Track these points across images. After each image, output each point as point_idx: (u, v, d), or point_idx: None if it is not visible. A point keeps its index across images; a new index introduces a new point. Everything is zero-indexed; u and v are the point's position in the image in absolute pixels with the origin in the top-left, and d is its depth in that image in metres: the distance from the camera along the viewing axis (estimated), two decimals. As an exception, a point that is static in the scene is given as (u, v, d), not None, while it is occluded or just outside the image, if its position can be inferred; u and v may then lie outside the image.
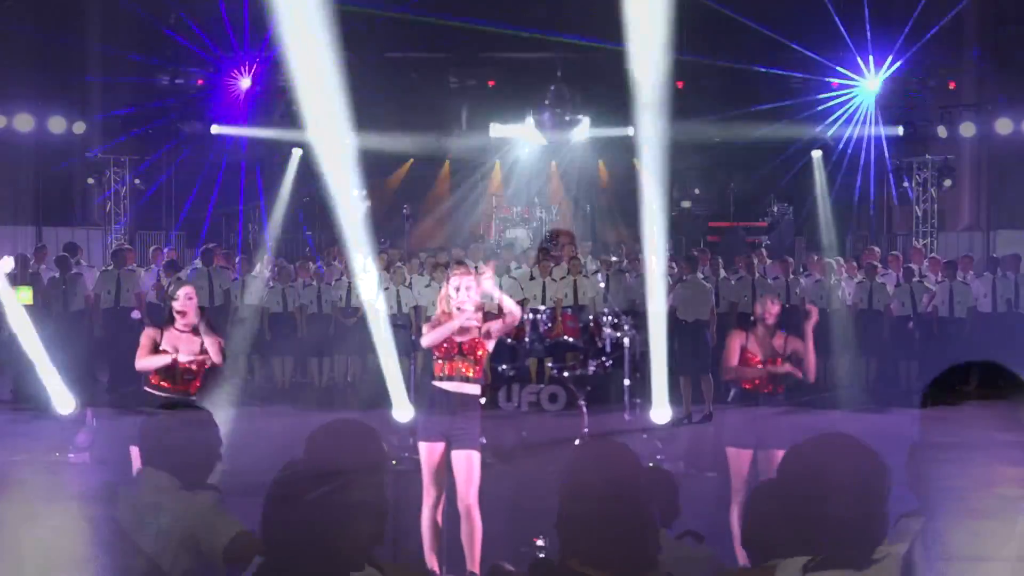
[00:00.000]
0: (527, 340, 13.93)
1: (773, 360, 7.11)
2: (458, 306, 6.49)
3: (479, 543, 6.35)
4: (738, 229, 20.65)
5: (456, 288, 6.53)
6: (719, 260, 14.75)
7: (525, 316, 13.96)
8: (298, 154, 20.80)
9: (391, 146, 22.30)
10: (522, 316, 13.97)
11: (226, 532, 3.45)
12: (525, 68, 21.43)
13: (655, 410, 11.47)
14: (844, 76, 19.10)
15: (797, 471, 2.56)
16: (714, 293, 13.55)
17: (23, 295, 13.45)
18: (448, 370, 6.47)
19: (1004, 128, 17.82)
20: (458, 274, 6.82)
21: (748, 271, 14.58)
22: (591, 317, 14.07)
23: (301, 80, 13.34)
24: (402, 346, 14.21)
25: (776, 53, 18.96)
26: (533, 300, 14.44)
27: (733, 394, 7.60)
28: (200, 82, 20.09)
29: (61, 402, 6.85)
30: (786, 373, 7.13)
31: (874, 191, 20.12)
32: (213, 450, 3.71)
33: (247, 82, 19.19)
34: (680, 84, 21.12)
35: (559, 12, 18.88)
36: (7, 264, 14.00)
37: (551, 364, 13.83)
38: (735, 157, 21.36)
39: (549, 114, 21.41)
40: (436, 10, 18.75)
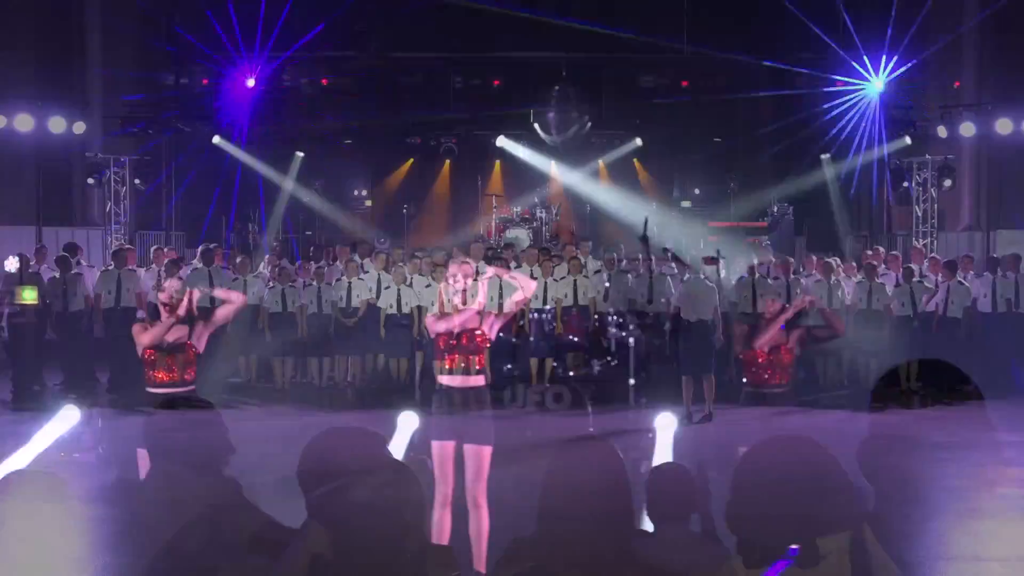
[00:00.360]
0: (531, 340, 13.95)
1: (778, 349, 7.35)
2: (456, 294, 6.51)
3: (486, 540, 6.31)
4: (738, 229, 20.61)
5: (453, 277, 6.56)
6: (720, 260, 14.73)
7: (529, 316, 13.99)
8: (299, 157, 20.82)
9: (392, 146, 22.32)
10: (524, 316, 14.07)
11: (251, 520, 3.40)
12: (530, 68, 21.40)
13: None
14: (849, 76, 19.07)
15: (749, 472, 2.56)
16: (717, 293, 13.52)
17: (28, 294, 13.43)
18: (451, 363, 6.45)
19: (1004, 128, 17.80)
20: (456, 264, 6.85)
21: (748, 271, 14.58)
22: (595, 317, 14.08)
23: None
24: (404, 345, 14.25)
25: (781, 52, 18.94)
26: (534, 300, 14.43)
27: (743, 396, 7.70)
28: (205, 82, 20.07)
29: (65, 414, 6.87)
30: (798, 311, 7.45)
31: (875, 191, 20.13)
32: (224, 445, 3.67)
33: (251, 82, 19.16)
34: (685, 83, 21.15)
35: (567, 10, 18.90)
36: (12, 263, 13.98)
37: (555, 364, 13.85)
38: (736, 157, 21.35)
39: (553, 114, 21.37)
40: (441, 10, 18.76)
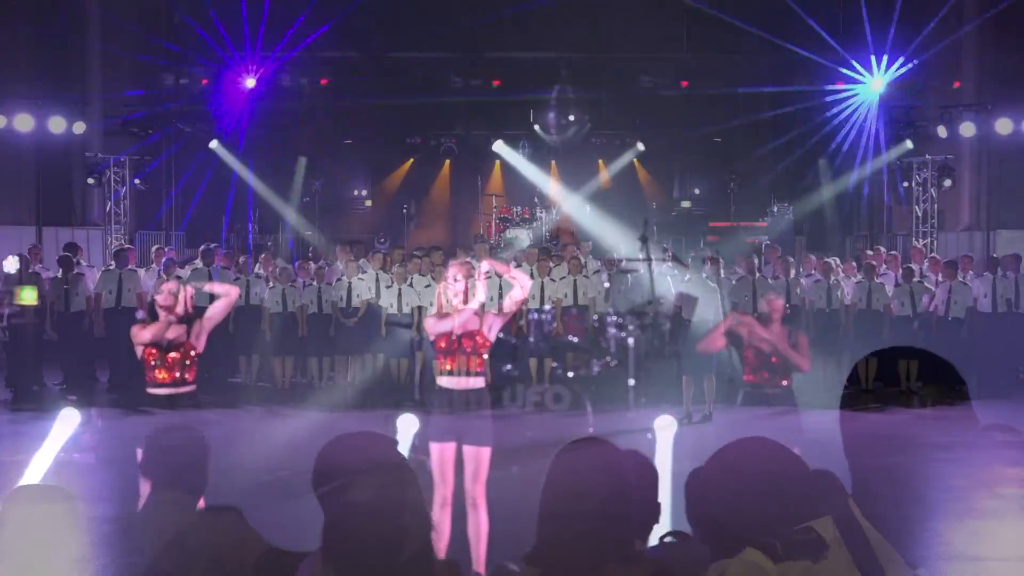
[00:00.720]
0: (531, 340, 13.97)
1: (780, 353, 7.34)
2: (456, 295, 6.52)
3: (485, 542, 6.31)
4: (738, 229, 20.62)
5: (454, 277, 6.56)
6: (720, 260, 14.73)
7: (529, 317, 14.01)
8: (303, 162, 20.80)
9: (392, 146, 22.32)
10: (524, 316, 14.09)
11: (253, 550, 3.44)
12: (529, 69, 21.40)
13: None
14: (848, 77, 19.06)
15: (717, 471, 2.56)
16: (719, 294, 13.52)
17: (27, 295, 13.44)
18: (451, 365, 6.46)
19: (1004, 128, 17.79)
20: (456, 265, 6.86)
21: (748, 271, 14.58)
22: (595, 318, 14.09)
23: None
24: (404, 345, 14.26)
25: (780, 53, 18.93)
26: (532, 300, 14.44)
27: (741, 397, 7.70)
28: (204, 82, 20.06)
29: (66, 416, 6.88)
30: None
31: (872, 191, 20.13)
32: (204, 453, 3.90)
33: (251, 82, 19.17)
34: (685, 83, 21.16)
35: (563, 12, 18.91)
36: (12, 263, 13.98)
37: (555, 365, 13.86)
38: (736, 157, 21.35)
39: (553, 115, 21.37)
40: (440, 11, 18.77)
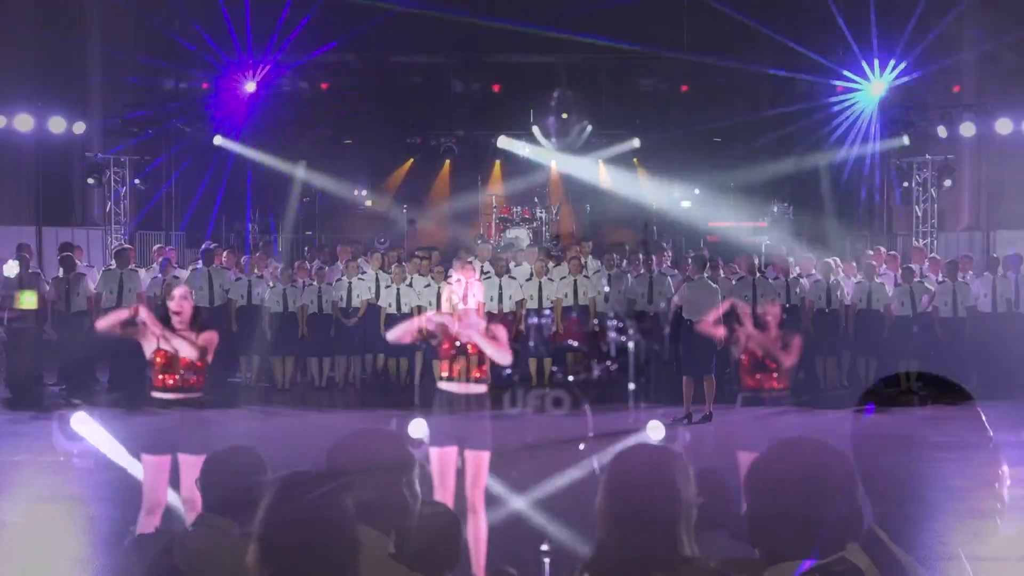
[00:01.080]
0: (531, 344, 14.00)
1: (774, 356, 7.31)
2: (455, 295, 6.54)
3: (484, 545, 6.31)
4: (738, 229, 20.61)
5: (458, 281, 6.59)
6: (719, 260, 14.74)
7: (529, 320, 14.04)
8: (302, 165, 20.78)
9: (392, 146, 22.30)
10: (524, 319, 14.12)
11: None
12: (529, 73, 21.39)
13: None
14: (848, 79, 19.07)
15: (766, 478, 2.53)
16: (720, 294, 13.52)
17: (27, 299, 13.47)
18: (453, 371, 6.46)
19: (1004, 128, 17.80)
20: (458, 270, 6.88)
21: (748, 271, 14.58)
22: (596, 321, 14.11)
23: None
24: (404, 345, 14.25)
25: (780, 55, 18.93)
26: (531, 300, 14.46)
27: (740, 400, 7.71)
28: (205, 86, 20.05)
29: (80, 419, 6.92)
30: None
31: (869, 190, 20.13)
32: (260, 472, 3.81)
33: (252, 86, 19.17)
34: (685, 87, 21.15)
35: (562, 15, 18.88)
36: (12, 268, 13.99)
37: (555, 369, 13.88)
38: (736, 157, 21.34)
39: (553, 119, 21.36)
40: (440, 13, 18.74)
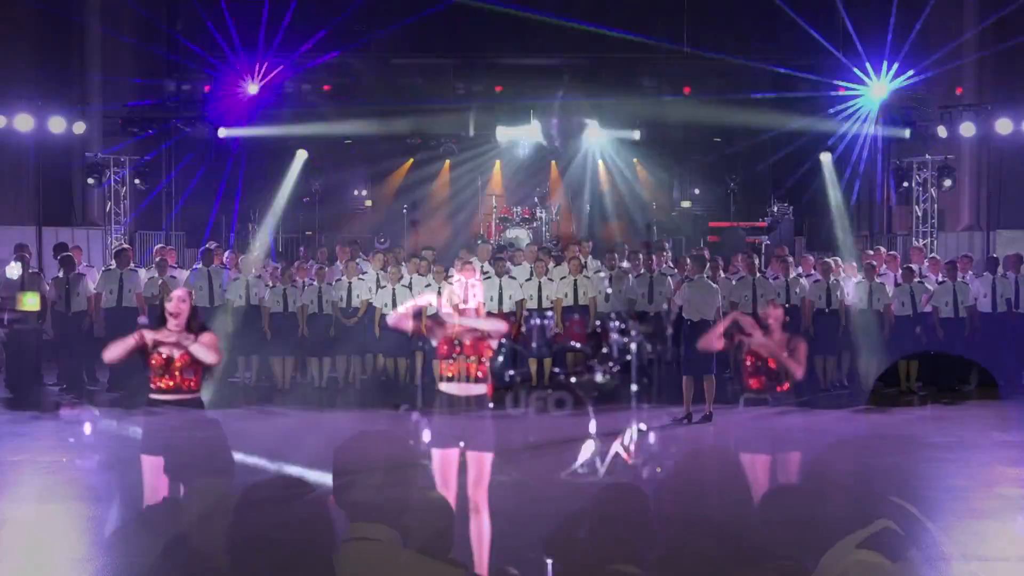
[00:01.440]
0: (533, 345, 14.01)
1: (777, 358, 7.28)
2: (455, 296, 6.55)
3: (487, 546, 6.30)
4: (738, 229, 20.63)
5: (458, 281, 6.60)
6: (719, 260, 14.74)
7: (530, 322, 14.04)
8: (302, 156, 20.71)
9: (392, 146, 22.30)
10: (524, 320, 14.12)
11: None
12: (532, 73, 21.38)
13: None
14: (850, 81, 19.06)
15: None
16: (720, 294, 13.50)
17: (30, 301, 13.47)
18: (453, 371, 6.46)
19: (1004, 128, 17.78)
20: (458, 270, 6.89)
21: (748, 271, 14.58)
22: (598, 323, 14.12)
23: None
24: (403, 345, 14.24)
25: (781, 56, 18.93)
26: (530, 300, 14.45)
27: (743, 402, 7.70)
28: (207, 88, 20.03)
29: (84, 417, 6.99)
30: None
31: (869, 190, 20.13)
32: (220, 435, 4.03)
33: (254, 88, 19.14)
34: (687, 90, 21.16)
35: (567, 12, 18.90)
36: (14, 270, 13.99)
37: (556, 370, 13.88)
38: (736, 157, 21.35)
39: (556, 120, 21.34)
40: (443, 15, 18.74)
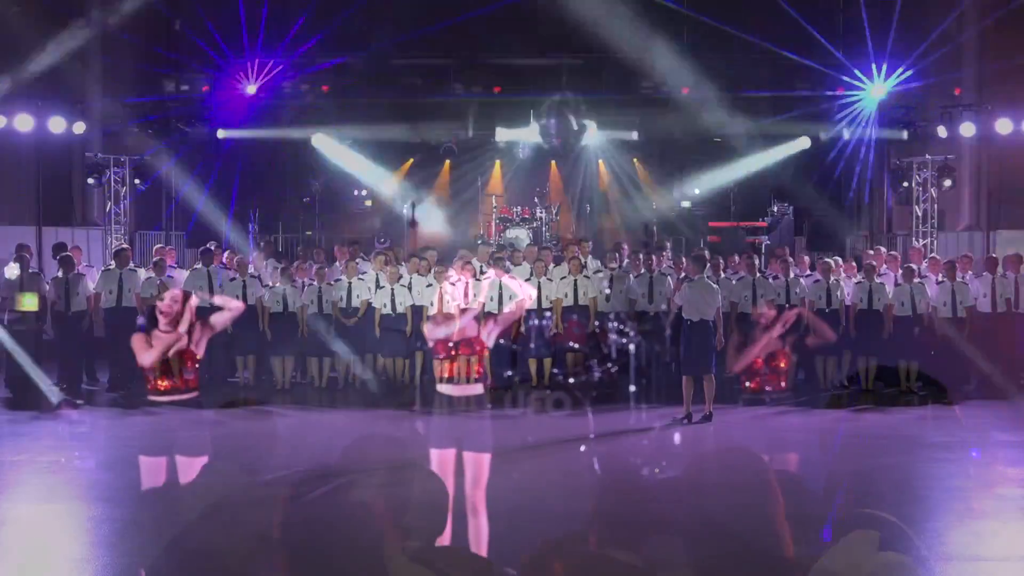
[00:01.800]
0: (532, 346, 14.00)
1: (774, 356, 7.30)
2: (457, 298, 6.54)
3: (485, 546, 6.30)
4: (738, 229, 20.64)
5: (453, 283, 6.59)
6: (719, 260, 14.74)
7: (529, 323, 14.04)
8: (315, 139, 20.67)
9: (392, 146, 22.30)
10: (523, 323, 14.12)
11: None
12: (531, 74, 21.36)
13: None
14: (850, 82, 19.06)
15: None
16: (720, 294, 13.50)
17: (28, 301, 13.47)
18: (450, 371, 6.45)
19: (1004, 128, 17.79)
20: (458, 270, 6.88)
21: (748, 271, 14.58)
22: (597, 324, 14.12)
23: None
24: (401, 345, 14.25)
25: (781, 57, 18.92)
26: (529, 300, 14.44)
27: (742, 401, 7.73)
28: (206, 89, 20.03)
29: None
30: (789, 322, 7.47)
31: (866, 190, 20.14)
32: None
33: (253, 88, 19.14)
34: (685, 90, 21.16)
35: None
36: (13, 270, 13.99)
37: (555, 371, 13.88)
38: (736, 157, 21.34)
39: (555, 121, 21.32)
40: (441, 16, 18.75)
